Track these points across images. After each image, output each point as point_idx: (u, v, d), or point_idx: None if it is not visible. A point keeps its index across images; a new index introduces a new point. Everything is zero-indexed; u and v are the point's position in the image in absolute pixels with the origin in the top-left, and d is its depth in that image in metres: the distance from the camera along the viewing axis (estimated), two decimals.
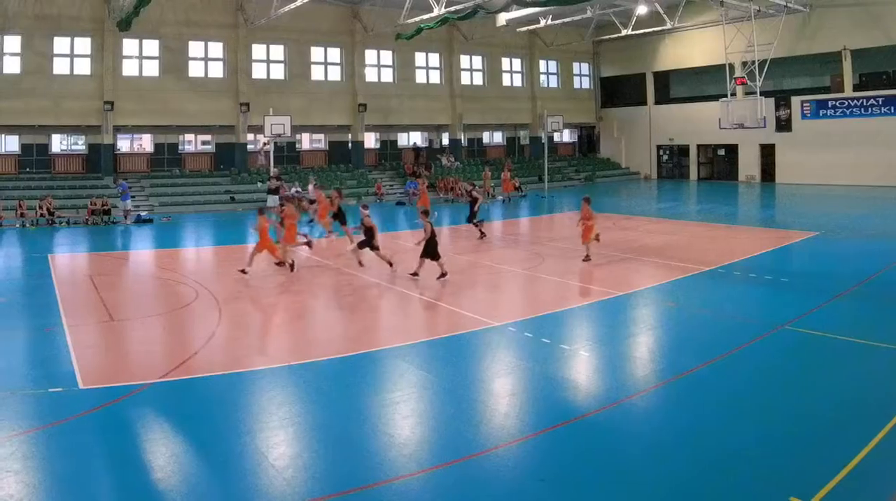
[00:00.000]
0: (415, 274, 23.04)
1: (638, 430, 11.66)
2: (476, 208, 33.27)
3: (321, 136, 61.12)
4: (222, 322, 18.45)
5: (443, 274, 22.73)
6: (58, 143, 51.61)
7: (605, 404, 12.64)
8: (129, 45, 50.49)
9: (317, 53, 57.71)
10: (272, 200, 42.36)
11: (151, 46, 51.31)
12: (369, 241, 24.18)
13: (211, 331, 17.50)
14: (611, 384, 13.97)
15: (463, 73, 64.29)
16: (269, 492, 9.45)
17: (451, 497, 9.46)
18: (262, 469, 10.12)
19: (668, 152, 70.28)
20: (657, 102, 69.88)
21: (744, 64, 53.91)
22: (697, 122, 63.54)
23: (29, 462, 10.28)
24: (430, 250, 22.70)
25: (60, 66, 48.58)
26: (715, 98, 55.87)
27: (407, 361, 15.01)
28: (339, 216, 32.17)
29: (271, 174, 46.29)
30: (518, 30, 62.22)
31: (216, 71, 53.77)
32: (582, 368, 14.93)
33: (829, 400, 12.84)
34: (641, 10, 55.63)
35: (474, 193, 34.02)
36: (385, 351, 15.84)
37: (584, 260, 25.77)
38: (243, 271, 23.82)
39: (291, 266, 24.53)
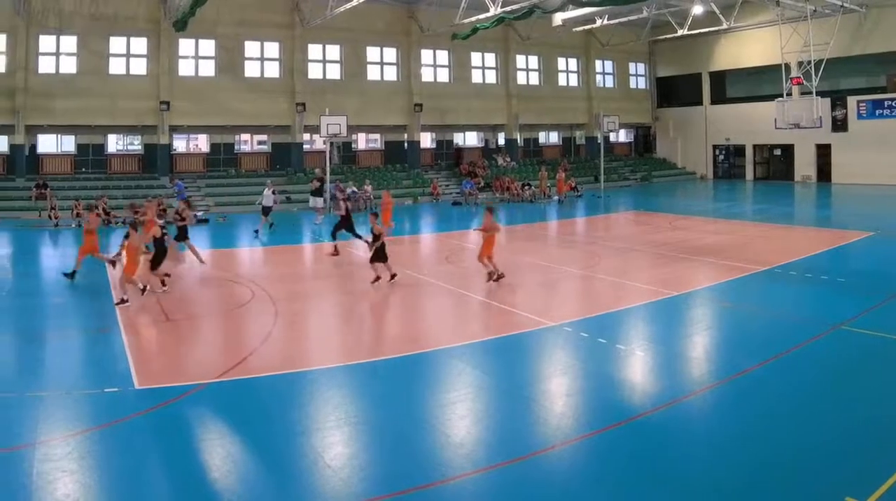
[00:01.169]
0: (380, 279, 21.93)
1: (693, 430, 11.36)
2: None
3: (377, 136, 58.69)
4: (278, 322, 17.83)
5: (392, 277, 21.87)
6: (114, 143, 49.98)
7: (660, 404, 12.22)
8: (185, 45, 48.78)
9: (373, 53, 55.27)
10: (315, 201, 40.28)
11: (207, 46, 49.44)
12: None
13: (267, 331, 16.92)
14: (666, 384, 13.53)
15: (519, 72, 61.44)
16: (324, 492, 9.23)
17: (506, 498, 9.15)
18: (318, 469, 9.89)
19: (723, 152, 67.27)
20: (713, 102, 66.80)
21: (800, 64, 50.99)
22: (753, 122, 60.60)
23: (85, 462, 9.99)
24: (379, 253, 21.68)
25: (116, 66, 47.04)
26: (771, 98, 53.18)
27: (463, 361, 14.55)
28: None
29: (316, 174, 43.93)
30: (574, 29, 59.27)
31: (272, 71, 51.71)
32: (638, 368, 14.52)
33: (885, 399, 12.33)
34: (697, 10, 53.13)
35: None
36: (441, 351, 15.36)
37: (493, 280, 21.78)
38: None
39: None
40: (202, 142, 52.40)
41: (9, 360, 15.17)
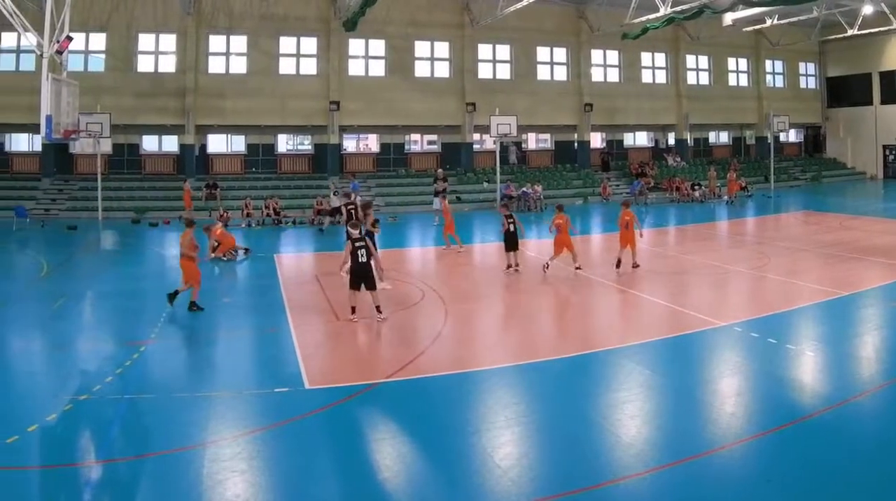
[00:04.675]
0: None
1: (865, 430, 10.06)
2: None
3: (547, 136, 50.97)
4: (448, 322, 16.20)
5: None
6: (284, 143, 44.43)
7: (831, 404, 10.91)
8: (355, 45, 43.06)
9: (542, 53, 47.55)
10: (438, 203, 34.47)
11: (377, 46, 43.40)
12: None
13: (437, 331, 15.41)
14: (837, 384, 11.99)
15: (689, 72, 53.09)
16: (494, 492, 8.33)
17: (677, 498, 8.18)
18: (488, 468, 8.88)
19: (894, 152, 57.69)
20: (883, 102, 56.71)
21: None
22: None
23: (255, 462, 9.14)
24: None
25: (286, 66, 41.83)
26: None
27: (633, 361, 12.99)
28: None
29: (437, 176, 37.64)
30: (744, 29, 50.72)
31: (442, 71, 45.12)
32: (808, 368, 12.98)
33: None
34: (867, 9, 44.38)
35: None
36: (611, 351, 13.76)
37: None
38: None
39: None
40: (372, 142, 46.52)
41: (180, 361, 14.04)
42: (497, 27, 42.84)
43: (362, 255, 15.84)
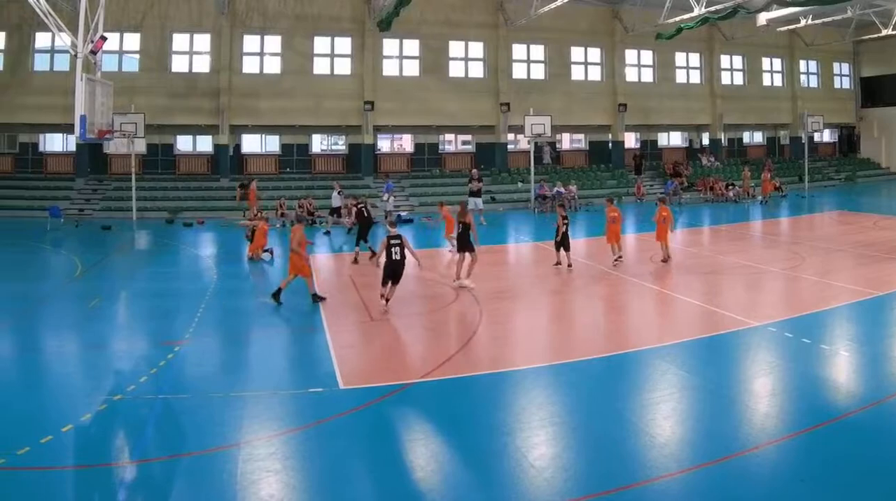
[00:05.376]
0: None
1: None
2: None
3: (581, 136, 49.50)
4: (483, 321, 15.76)
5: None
6: (318, 143, 43.18)
7: (865, 404, 10.61)
8: (390, 45, 41.84)
9: (577, 53, 46.10)
10: (474, 202, 33.79)
11: (412, 46, 42.24)
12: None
13: (472, 331, 15.07)
14: (871, 384, 11.64)
15: (723, 72, 51.50)
16: (529, 492, 8.13)
17: (710, 498, 8.00)
18: (522, 468, 8.64)
19: None
20: None
21: None
22: None
23: (289, 462, 8.97)
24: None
25: (320, 66, 40.71)
26: None
27: (667, 361, 12.65)
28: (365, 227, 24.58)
29: (472, 176, 36.28)
30: (778, 29, 49.20)
31: (476, 71, 43.78)
32: (842, 368, 12.60)
33: None
34: None
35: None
36: (645, 351, 13.33)
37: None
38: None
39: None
40: (406, 142, 45.20)
41: (214, 361, 13.46)
42: (531, 27, 41.63)
43: (396, 253, 16.02)
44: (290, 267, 17.65)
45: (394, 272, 16.14)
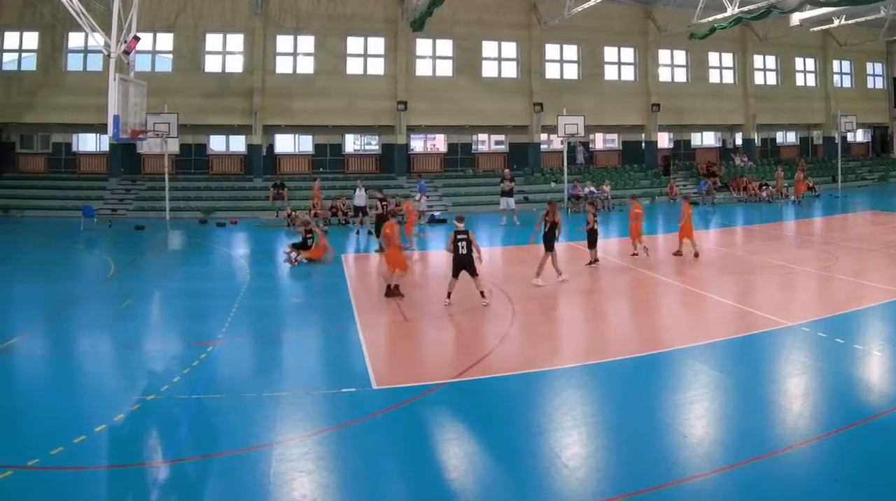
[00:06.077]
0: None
1: None
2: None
3: (614, 136, 48.37)
4: (515, 321, 15.33)
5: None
6: (351, 143, 42.24)
7: None
8: (423, 45, 40.94)
9: (610, 53, 44.97)
10: (505, 202, 33.29)
11: (445, 46, 41.28)
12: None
13: (504, 331, 14.53)
14: None
15: (756, 72, 50.18)
16: (562, 492, 7.91)
17: (743, 497, 7.73)
18: (556, 468, 8.40)
19: None
20: None
21: None
22: None
23: (322, 462, 8.73)
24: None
25: (354, 67, 39.81)
26: None
27: (700, 361, 12.32)
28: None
29: (504, 175, 35.21)
30: (811, 30, 47.74)
31: (510, 71, 42.72)
32: (875, 368, 12.12)
33: None
34: None
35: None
36: (678, 351, 12.99)
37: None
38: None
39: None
40: (439, 142, 44.23)
41: (247, 361, 13.17)
42: (564, 27, 40.49)
43: (463, 247, 16.32)
44: (389, 263, 17.86)
45: (463, 265, 16.42)
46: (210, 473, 8.45)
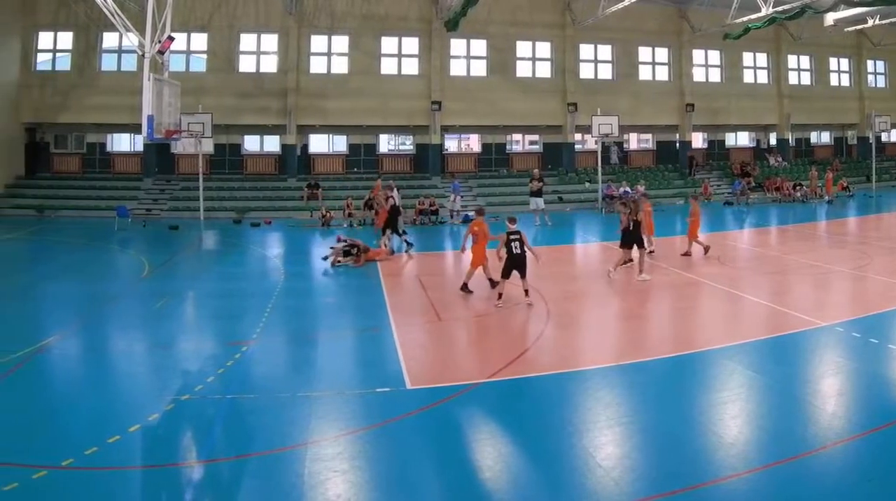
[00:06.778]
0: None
1: None
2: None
3: (648, 136, 47.10)
4: (550, 321, 14.78)
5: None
6: (385, 143, 41.28)
7: None
8: (457, 45, 39.91)
9: (644, 53, 43.75)
10: (535, 202, 32.60)
11: (479, 46, 40.19)
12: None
13: (539, 331, 14.13)
14: None
15: (790, 72, 48.76)
16: (596, 491, 7.70)
17: (778, 497, 7.52)
18: (590, 468, 8.21)
19: None
20: None
21: None
22: None
23: (356, 461, 8.53)
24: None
25: (388, 66, 38.82)
26: None
27: (735, 361, 11.94)
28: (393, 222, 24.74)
29: (533, 175, 34.13)
30: (845, 29, 46.02)
31: (543, 71, 41.51)
32: None
33: None
34: None
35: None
36: (713, 351, 12.63)
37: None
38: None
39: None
40: (474, 142, 43.08)
41: (281, 361, 12.83)
42: (598, 27, 39.46)
43: (516, 247, 15.96)
44: (474, 259, 17.56)
45: (516, 266, 16.02)
46: (244, 473, 8.31)
